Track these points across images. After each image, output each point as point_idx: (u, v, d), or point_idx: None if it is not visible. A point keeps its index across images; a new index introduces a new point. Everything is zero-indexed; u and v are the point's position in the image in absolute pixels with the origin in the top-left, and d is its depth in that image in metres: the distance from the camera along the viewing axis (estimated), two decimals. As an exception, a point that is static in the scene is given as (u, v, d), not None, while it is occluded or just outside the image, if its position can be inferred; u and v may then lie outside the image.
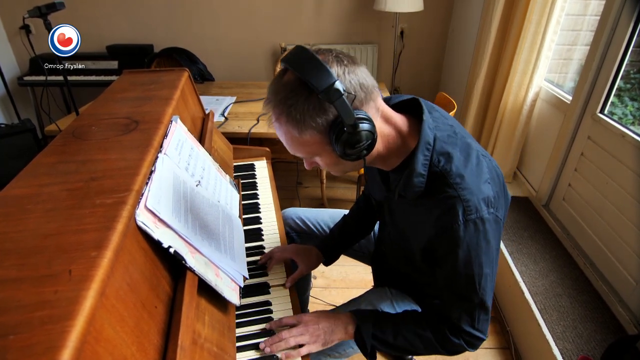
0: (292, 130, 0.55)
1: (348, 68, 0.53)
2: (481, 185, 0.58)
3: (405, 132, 0.62)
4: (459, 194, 0.57)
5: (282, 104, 0.54)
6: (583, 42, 1.62)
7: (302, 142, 0.57)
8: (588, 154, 1.35)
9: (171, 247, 0.58)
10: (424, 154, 0.59)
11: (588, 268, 1.28)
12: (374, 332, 0.70)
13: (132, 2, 2.47)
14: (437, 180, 0.59)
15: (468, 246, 0.58)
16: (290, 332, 0.70)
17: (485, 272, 0.61)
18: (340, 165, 0.62)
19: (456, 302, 0.65)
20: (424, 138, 0.60)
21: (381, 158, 0.63)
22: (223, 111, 1.69)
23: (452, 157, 0.59)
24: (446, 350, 0.69)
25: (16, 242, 0.46)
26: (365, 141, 0.55)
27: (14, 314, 0.36)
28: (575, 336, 1.09)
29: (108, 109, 0.85)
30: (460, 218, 0.57)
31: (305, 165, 0.65)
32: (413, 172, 0.59)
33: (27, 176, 0.58)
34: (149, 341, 0.48)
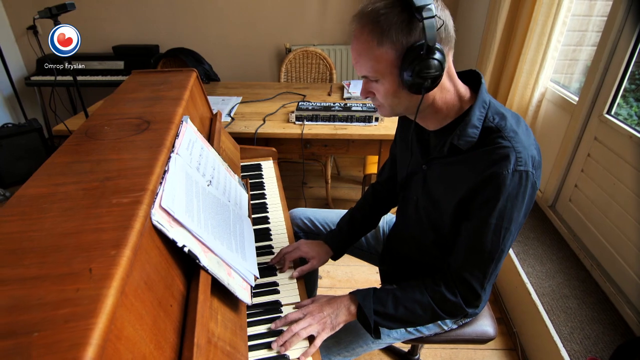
0: (372, 40, 0.58)
1: (442, 5, 0.59)
2: (530, 145, 0.62)
3: (462, 94, 0.66)
4: (513, 145, 0.60)
5: (374, 13, 0.57)
6: (589, 42, 1.62)
7: (375, 56, 0.59)
8: (595, 155, 1.35)
9: (185, 246, 0.58)
10: (480, 110, 0.64)
11: (595, 269, 1.28)
12: (375, 307, 0.72)
13: (138, 3, 2.48)
14: (491, 133, 0.62)
15: (508, 196, 0.61)
16: (299, 325, 0.71)
17: (512, 228, 0.63)
18: (397, 99, 0.64)
19: (474, 256, 0.66)
20: (481, 97, 0.64)
21: (434, 109, 0.66)
22: (229, 111, 1.69)
23: (506, 117, 0.64)
24: (445, 312, 0.71)
25: (35, 240, 0.46)
26: (433, 71, 0.57)
27: (37, 312, 0.37)
28: (583, 338, 1.09)
29: (119, 109, 0.86)
30: (511, 166, 0.59)
31: (361, 92, 0.67)
32: (468, 124, 0.63)
33: (43, 175, 0.59)
34: (165, 339, 0.48)
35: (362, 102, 1.71)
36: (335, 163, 2.51)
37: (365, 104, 1.64)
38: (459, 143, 0.65)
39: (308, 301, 0.77)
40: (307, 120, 1.56)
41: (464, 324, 0.90)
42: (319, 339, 0.70)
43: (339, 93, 1.94)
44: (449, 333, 0.89)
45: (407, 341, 0.91)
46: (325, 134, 1.51)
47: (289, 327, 0.71)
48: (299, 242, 0.92)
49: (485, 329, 0.89)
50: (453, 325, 0.88)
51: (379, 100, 0.66)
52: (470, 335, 0.89)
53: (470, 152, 0.64)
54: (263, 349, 0.70)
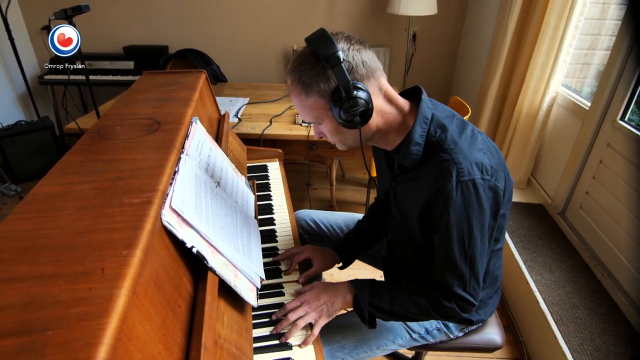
0: (301, 94, 0.64)
1: (354, 47, 0.62)
2: (474, 152, 0.63)
3: (406, 112, 0.69)
4: (453, 157, 0.62)
5: (296, 69, 0.63)
6: (602, 46, 1.59)
7: (309, 106, 0.65)
8: (607, 162, 1.33)
9: (194, 247, 0.58)
10: (422, 126, 0.66)
11: (606, 279, 1.25)
12: (371, 299, 0.74)
13: (149, 5, 2.52)
14: (434, 148, 0.65)
15: (459, 208, 0.62)
16: (297, 313, 0.73)
17: (475, 234, 0.65)
18: (342, 135, 0.69)
19: (448, 265, 0.68)
20: (421, 113, 0.67)
21: (382, 134, 0.70)
22: (237, 112, 1.70)
23: (448, 129, 0.66)
24: (440, 315, 0.73)
25: (49, 238, 0.47)
26: (359, 107, 0.61)
27: (51, 310, 0.37)
28: (593, 349, 1.07)
29: (131, 109, 0.87)
30: (454, 179, 0.61)
31: (315, 134, 0.73)
32: (410, 141, 0.66)
33: (57, 174, 0.60)
34: (173, 340, 0.49)
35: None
36: (340, 165, 2.51)
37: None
38: (405, 162, 0.68)
39: (307, 287, 0.79)
40: (315, 123, 1.56)
41: (471, 332, 0.89)
42: (317, 326, 0.73)
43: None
44: (455, 341, 0.88)
45: (412, 348, 0.90)
46: (333, 137, 1.51)
47: (287, 315, 0.73)
48: (306, 246, 0.92)
49: (492, 337, 0.88)
50: (459, 333, 0.88)
51: (330, 139, 0.71)
52: (477, 343, 0.88)
53: (418, 169, 0.68)
54: (268, 351, 0.70)
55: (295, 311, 0.73)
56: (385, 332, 0.84)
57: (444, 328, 0.86)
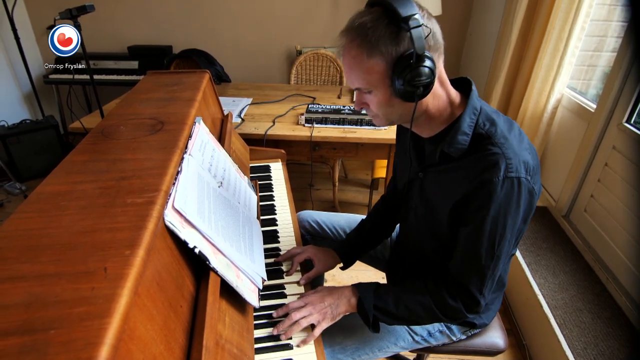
0: (362, 54, 0.59)
1: (428, 15, 0.60)
2: (522, 150, 0.61)
3: (454, 101, 0.66)
4: (503, 151, 0.60)
5: (362, 27, 0.58)
6: (608, 48, 1.58)
7: (366, 69, 0.60)
8: (613, 165, 1.32)
9: (196, 247, 0.58)
10: (471, 116, 0.64)
11: (610, 283, 1.24)
12: (375, 302, 0.73)
13: (153, 5, 2.53)
14: (482, 140, 0.63)
15: (500, 203, 0.60)
16: (300, 313, 0.71)
17: (507, 234, 0.63)
18: (390, 108, 0.64)
19: (470, 262, 0.66)
20: (471, 103, 0.65)
21: (427, 117, 0.67)
22: (240, 112, 1.71)
23: (497, 123, 0.63)
24: (446, 316, 0.71)
25: (52, 237, 0.47)
26: (425, 78, 0.58)
27: (54, 309, 0.37)
28: (597, 354, 1.06)
29: (134, 109, 0.87)
30: (502, 173, 0.59)
31: (355, 104, 0.68)
32: (458, 131, 0.64)
33: (61, 173, 0.60)
34: (175, 340, 0.49)
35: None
36: (343, 166, 2.50)
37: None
38: (450, 151, 0.65)
39: (310, 292, 0.78)
40: (317, 123, 1.56)
41: (473, 335, 0.88)
42: (318, 328, 0.71)
43: (349, 96, 1.94)
44: (457, 344, 0.88)
45: (414, 350, 0.89)
46: (335, 137, 1.51)
47: (290, 314, 0.72)
48: (307, 246, 0.92)
49: (495, 340, 0.88)
50: (462, 336, 0.87)
51: (373, 111, 0.67)
52: (479, 346, 0.87)
53: (462, 160, 0.65)
54: (269, 352, 0.70)
55: (298, 311, 0.72)
56: (388, 334, 0.84)
57: (446, 330, 0.85)
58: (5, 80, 2.43)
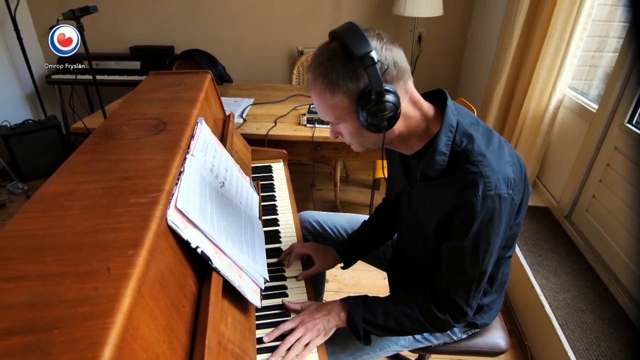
0: (325, 92, 0.60)
1: (386, 45, 0.59)
2: (502, 165, 0.61)
3: (430, 117, 0.66)
4: (481, 170, 0.60)
5: (322, 65, 0.59)
6: (610, 48, 1.58)
7: (332, 105, 0.61)
8: (614, 165, 1.31)
9: (198, 247, 0.59)
10: (447, 135, 0.64)
11: (612, 283, 1.24)
12: (364, 316, 0.73)
13: (155, 5, 2.53)
14: (459, 158, 0.62)
15: (482, 221, 0.61)
16: (294, 335, 0.71)
17: (490, 249, 0.64)
18: (362, 137, 0.66)
19: (456, 276, 0.67)
20: (447, 120, 0.64)
21: (402, 139, 0.67)
22: (242, 113, 1.71)
23: (474, 139, 0.63)
24: (433, 327, 0.72)
25: (56, 237, 0.47)
26: (388, 112, 0.58)
27: (57, 309, 0.38)
28: (599, 355, 1.06)
29: (137, 110, 0.88)
30: (480, 193, 0.59)
31: (331, 133, 0.69)
32: (435, 151, 0.63)
33: (64, 173, 0.60)
34: (177, 340, 0.49)
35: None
36: (345, 166, 2.51)
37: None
38: (429, 172, 0.66)
39: (297, 306, 0.77)
40: (318, 123, 1.56)
41: (475, 335, 0.88)
42: (312, 344, 0.71)
43: (352, 96, 1.93)
44: (459, 343, 0.88)
45: (415, 350, 0.89)
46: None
47: (285, 339, 0.70)
48: (309, 243, 0.92)
49: (496, 341, 0.88)
50: (463, 335, 0.87)
51: (348, 140, 0.68)
52: (480, 346, 0.87)
53: (442, 178, 0.65)
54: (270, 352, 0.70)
55: (292, 334, 0.71)
56: (389, 333, 0.84)
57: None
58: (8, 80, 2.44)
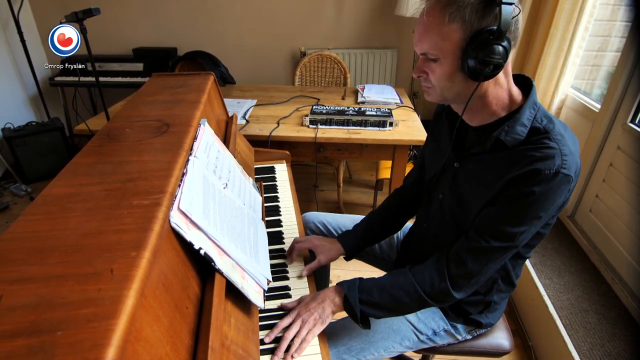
0: (444, 17, 0.58)
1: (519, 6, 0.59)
2: (577, 152, 0.63)
3: (514, 94, 0.66)
4: (560, 147, 0.60)
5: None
6: (612, 48, 1.57)
7: (443, 33, 0.59)
8: (617, 165, 1.31)
9: (202, 248, 0.59)
10: (530, 110, 0.64)
11: (616, 283, 1.23)
12: (360, 296, 0.72)
13: (158, 7, 2.55)
14: (539, 134, 0.63)
15: (543, 193, 0.60)
16: (292, 330, 0.70)
17: (532, 226, 0.64)
18: (450, 83, 0.63)
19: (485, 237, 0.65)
20: (532, 98, 0.65)
21: (483, 103, 0.66)
22: (244, 114, 1.71)
23: (554, 122, 0.64)
24: (430, 297, 0.70)
25: (59, 239, 0.47)
26: (498, 57, 0.57)
27: (61, 310, 0.38)
28: (603, 355, 1.05)
29: (140, 111, 0.88)
30: (555, 167, 0.59)
31: (414, 71, 0.66)
32: (517, 121, 0.64)
33: (68, 175, 0.61)
34: (180, 341, 0.49)
35: (376, 107, 1.70)
36: (348, 167, 2.50)
37: (379, 109, 1.63)
38: (506, 139, 0.64)
39: (294, 302, 0.77)
40: (321, 124, 1.56)
41: (479, 335, 0.88)
42: (310, 334, 0.71)
43: (353, 97, 1.94)
44: (463, 344, 0.88)
45: (419, 350, 0.89)
46: (339, 138, 1.51)
47: (283, 335, 0.70)
48: (311, 236, 0.92)
49: (500, 341, 0.87)
50: (467, 336, 0.87)
51: (432, 82, 0.65)
52: (484, 347, 0.87)
53: (514, 149, 0.64)
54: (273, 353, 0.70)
55: (290, 329, 0.71)
56: (392, 333, 0.83)
57: (451, 330, 0.85)
58: (11, 82, 2.46)
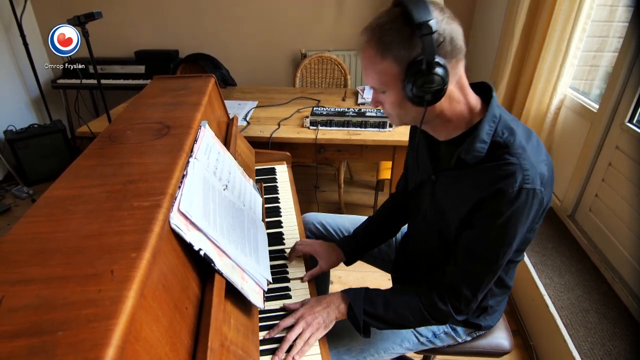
0: (376, 55, 0.60)
1: (447, 20, 0.58)
2: (540, 162, 0.62)
3: (473, 107, 0.66)
4: (520, 162, 0.60)
5: (379, 28, 0.59)
6: (610, 48, 1.57)
7: (380, 70, 0.61)
8: (616, 164, 1.31)
9: (201, 249, 0.59)
10: (490, 124, 0.63)
11: (617, 283, 1.23)
12: (365, 307, 0.73)
13: (160, 10, 2.56)
14: (499, 149, 0.62)
15: (512, 213, 0.60)
16: (294, 331, 0.71)
17: (512, 242, 0.64)
18: (403, 110, 0.65)
19: (471, 264, 0.67)
20: (491, 110, 0.64)
21: (442, 120, 0.66)
22: (245, 115, 1.72)
23: (516, 133, 0.63)
24: (433, 318, 0.71)
25: (61, 241, 0.48)
26: (435, 85, 0.58)
27: (62, 311, 0.38)
28: (603, 354, 1.05)
29: (141, 114, 0.89)
30: (517, 184, 0.59)
31: (371, 102, 0.70)
32: (477, 138, 0.63)
33: (69, 178, 0.61)
34: (180, 341, 0.50)
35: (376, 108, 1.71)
36: (348, 167, 2.51)
37: (379, 110, 1.63)
38: (467, 157, 0.65)
39: (297, 304, 0.77)
40: (322, 126, 1.57)
41: (479, 336, 0.88)
42: (313, 338, 0.71)
43: (353, 98, 1.94)
44: (463, 345, 0.88)
45: (419, 351, 0.89)
46: (339, 139, 1.51)
47: (285, 336, 0.71)
48: (313, 241, 0.93)
49: (500, 341, 0.87)
50: (467, 337, 0.87)
51: (387, 111, 0.68)
52: (484, 347, 0.87)
53: (478, 167, 0.64)
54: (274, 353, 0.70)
55: (293, 329, 0.71)
56: (393, 335, 0.84)
57: (451, 332, 0.85)
58: (14, 85, 2.48)
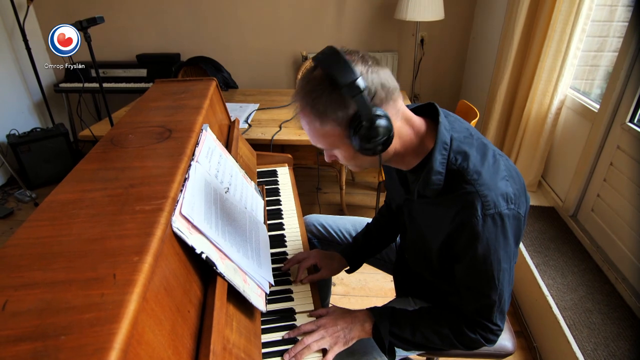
0: (315, 122, 0.59)
1: (372, 68, 0.57)
2: (498, 181, 0.60)
3: (423, 133, 0.65)
4: (477, 189, 0.59)
5: (308, 96, 0.58)
6: (610, 48, 1.57)
7: (323, 134, 0.60)
8: (618, 164, 1.30)
9: (203, 252, 0.59)
10: (441, 153, 0.62)
11: (620, 283, 1.22)
12: (391, 329, 0.72)
13: (161, 14, 2.57)
14: (455, 177, 0.61)
15: (487, 241, 0.60)
16: (312, 337, 0.70)
17: (503, 267, 0.63)
18: (358, 160, 0.65)
19: (474, 297, 0.66)
20: (440, 138, 0.62)
21: (399, 157, 0.66)
22: (247, 118, 1.72)
23: (469, 156, 0.61)
24: (464, 346, 0.71)
25: (63, 245, 0.48)
26: (381, 137, 0.57)
27: (65, 315, 0.38)
28: (607, 355, 1.04)
29: (143, 118, 0.89)
30: (479, 213, 0.58)
31: (325, 158, 0.68)
32: (431, 171, 0.62)
33: (72, 182, 0.62)
34: (182, 345, 0.50)
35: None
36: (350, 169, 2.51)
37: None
38: (425, 192, 0.64)
39: (323, 311, 0.77)
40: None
41: (481, 338, 0.88)
42: (331, 353, 0.70)
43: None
44: (465, 346, 0.87)
45: (423, 354, 0.89)
46: (340, 141, 1.51)
47: (302, 338, 0.71)
48: (313, 251, 0.93)
49: (503, 343, 0.87)
50: (469, 339, 0.86)
51: (343, 163, 0.67)
52: (487, 349, 0.86)
53: (439, 198, 0.64)
54: (277, 356, 0.70)
55: (310, 335, 0.70)
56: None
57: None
58: (17, 89, 2.49)
